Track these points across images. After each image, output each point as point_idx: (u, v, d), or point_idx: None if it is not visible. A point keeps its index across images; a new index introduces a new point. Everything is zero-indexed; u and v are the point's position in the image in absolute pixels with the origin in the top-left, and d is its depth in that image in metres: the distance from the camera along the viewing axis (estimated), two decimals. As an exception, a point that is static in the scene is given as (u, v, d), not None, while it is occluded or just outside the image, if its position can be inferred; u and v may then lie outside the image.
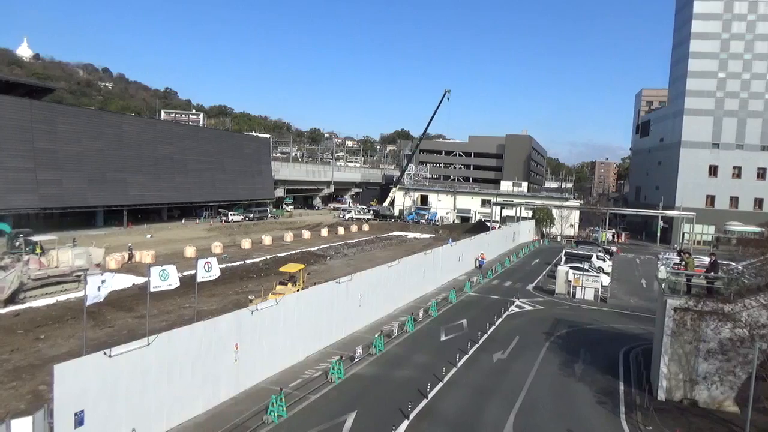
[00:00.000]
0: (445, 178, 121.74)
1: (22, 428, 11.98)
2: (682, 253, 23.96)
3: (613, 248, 60.62)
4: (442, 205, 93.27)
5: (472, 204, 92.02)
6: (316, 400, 17.13)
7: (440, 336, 25.06)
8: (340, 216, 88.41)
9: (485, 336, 25.18)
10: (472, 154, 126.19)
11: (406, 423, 15.81)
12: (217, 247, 46.63)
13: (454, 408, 17.15)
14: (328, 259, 46.59)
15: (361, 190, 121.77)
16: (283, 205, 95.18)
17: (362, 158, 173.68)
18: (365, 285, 25.47)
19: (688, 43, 71.65)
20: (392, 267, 28.75)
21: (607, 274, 41.27)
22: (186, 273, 29.40)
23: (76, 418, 11.95)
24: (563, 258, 44.36)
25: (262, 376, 18.28)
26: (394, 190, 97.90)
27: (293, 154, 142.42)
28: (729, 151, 70.86)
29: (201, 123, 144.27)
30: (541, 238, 72.81)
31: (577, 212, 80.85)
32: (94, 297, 15.41)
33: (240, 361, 17.02)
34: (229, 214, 73.72)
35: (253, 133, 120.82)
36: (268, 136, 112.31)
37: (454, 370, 20.47)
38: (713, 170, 71.74)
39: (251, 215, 76.64)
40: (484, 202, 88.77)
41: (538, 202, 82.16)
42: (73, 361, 12.28)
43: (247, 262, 42.85)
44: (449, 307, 30.90)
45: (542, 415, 17.06)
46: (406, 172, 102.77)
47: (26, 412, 14.43)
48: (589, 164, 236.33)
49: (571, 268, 36.74)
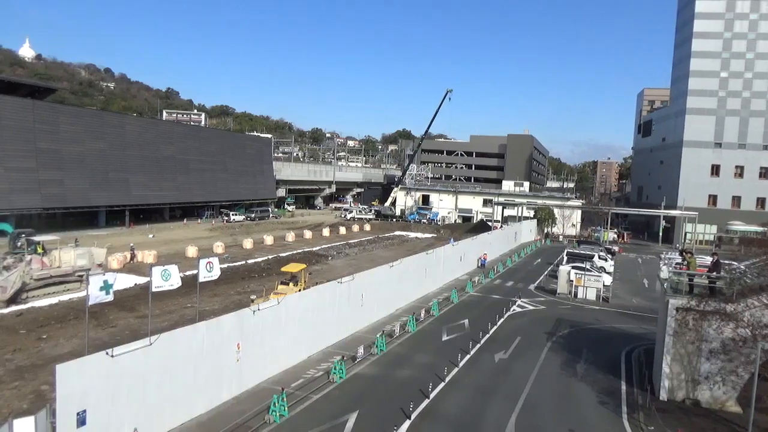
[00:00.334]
0: (446, 178, 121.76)
1: (25, 428, 11.99)
2: (684, 253, 23.89)
3: (615, 248, 60.55)
4: (444, 205, 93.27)
5: (473, 204, 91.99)
6: (317, 400, 17.15)
7: (442, 336, 25.07)
8: (342, 216, 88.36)
9: (487, 336, 25.19)
10: (474, 153, 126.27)
11: (408, 423, 15.82)
12: (218, 247, 46.70)
13: (456, 408, 17.15)
14: (329, 258, 46.62)
15: (363, 190, 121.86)
16: (285, 205, 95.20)
17: (364, 158, 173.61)
18: (367, 285, 25.47)
19: (690, 43, 71.57)
20: (394, 267, 28.76)
21: (609, 273, 41.17)
22: (188, 273, 29.52)
23: (79, 418, 11.98)
24: (565, 258, 44.39)
25: (264, 376, 18.31)
26: (395, 189, 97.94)
27: (295, 154, 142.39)
28: (731, 151, 70.76)
29: (203, 123, 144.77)
30: (545, 239, 72.75)
31: (579, 212, 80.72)
32: (98, 297, 15.41)
33: (242, 360, 17.04)
34: (231, 214, 73.71)
35: (255, 133, 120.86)
36: (269, 136, 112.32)
37: (456, 370, 20.48)
38: (715, 170, 71.64)
39: (253, 215, 76.64)
40: (486, 202, 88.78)
41: (539, 201, 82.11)
42: (76, 361, 12.32)
43: (249, 262, 42.88)
44: (451, 307, 30.90)
45: (544, 415, 17.06)
46: (407, 172, 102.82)
47: (29, 411, 14.48)
48: (591, 164, 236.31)
49: (573, 267, 36.72)
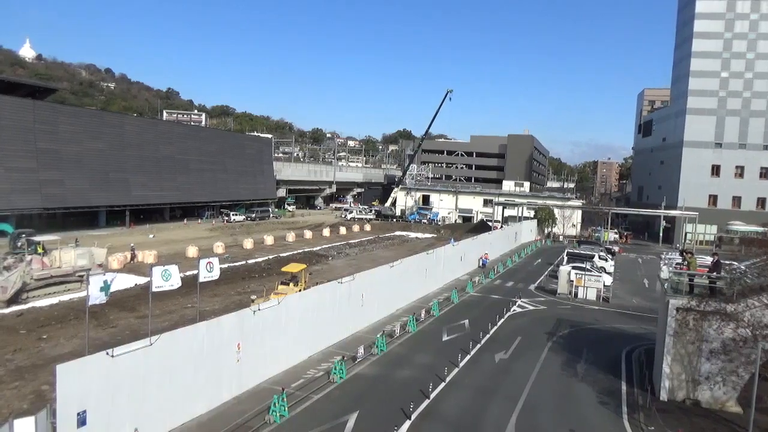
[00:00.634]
0: (447, 178, 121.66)
1: (25, 428, 11.98)
2: (685, 253, 23.87)
3: (615, 248, 60.52)
4: (444, 205, 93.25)
5: (474, 204, 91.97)
6: (318, 400, 17.15)
7: (442, 336, 25.07)
8: (342, 216, 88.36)
9: (487, 336, 25.18)
10: (474, 153, 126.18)
11: (408, 423, 15.82)
12: (219, 247, 46.70)
13: (456, 408, 17.14)
14: (330, 259, 46.61)
15: (363, 190, 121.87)
16: (285, 205, 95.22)
17: (364, 158, 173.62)
18: (367, 285, 25.47)
19: (691, 43, 71.50)
20: (394, 267, 28.75)
21: (609, 274, 41.20)
22: (188, 273, 29.52)
23: (79, 418, 11.99)
24: (565, 258, 44.36)
25: (264, 376, 18.31)
26: (396, 190, 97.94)
27: (295, 154, 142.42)
28: (731, 151, 70.70)
29: (203, 123, 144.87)
30: (545, 239, 72.70)
31: (579, 212, 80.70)
32: (97, 297, 15.42)
33: (242, 361, 17.04)
34: (231, 214, 73.69)
35: (255, 133, 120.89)
36: (270, 136, 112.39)
37: (456, 370, 20.47)
38: (716, 170, 71.58)
39: (253, 215, 76.63)
40: (486, 202, 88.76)
41: (540, 201, 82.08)
42: (76, 361, 12.32)
43: (249, 262, 42.88)
44: (451, 307, 30.90)
45: (544, 415, 17.05)
46: (407, 172, 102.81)
47: (29, 412, 14.47)
48: (592, 164, 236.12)
49: (573, 267, 36.71)
